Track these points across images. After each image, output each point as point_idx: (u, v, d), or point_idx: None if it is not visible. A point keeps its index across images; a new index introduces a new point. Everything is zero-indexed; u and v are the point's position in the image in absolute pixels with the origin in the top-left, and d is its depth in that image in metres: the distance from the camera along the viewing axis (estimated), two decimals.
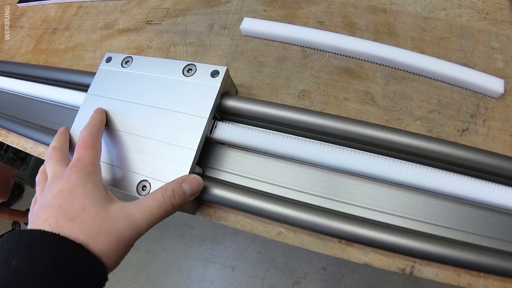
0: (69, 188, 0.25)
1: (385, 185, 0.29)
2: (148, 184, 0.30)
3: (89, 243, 0.22)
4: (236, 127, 0.32)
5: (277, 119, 0.31)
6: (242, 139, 0.31)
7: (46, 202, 0.25)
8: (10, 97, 0.48)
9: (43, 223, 0.23)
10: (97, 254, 0.22)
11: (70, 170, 0.26)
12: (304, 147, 0.30)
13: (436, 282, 0.26)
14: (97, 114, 0.33)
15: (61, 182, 0.26)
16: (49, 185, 0.27)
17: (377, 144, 0.28)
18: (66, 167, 0.27)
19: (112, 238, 0.23)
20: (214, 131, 0.32)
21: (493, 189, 0.26)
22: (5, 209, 1.56)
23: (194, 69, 0.33)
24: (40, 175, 0.31)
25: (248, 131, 0.32)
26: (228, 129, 0.32)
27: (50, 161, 0.29)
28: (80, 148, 0.28)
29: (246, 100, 0.32)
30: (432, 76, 0.32)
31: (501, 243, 0.26)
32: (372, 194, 0.28)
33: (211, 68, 0.32)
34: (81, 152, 0.28)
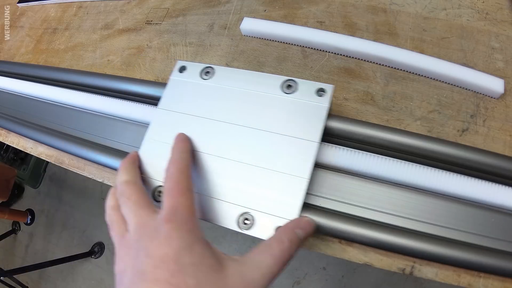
0: (174, 255, 0.20)
1: (385, 185, 0.29)
2: (251, 216, 0.26)
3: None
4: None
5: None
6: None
7: (146, 271, 0.20)
8: (10, 97, 0.48)
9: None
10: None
11: (168, 226, 0.21)
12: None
13: (436, 282, 0.26)
14: (183, 144, 0.28)
15: (159, 244, 0.21)
16: (139, 241, 0.22)
17: (377, 144, 0.28)
18: (152, 213, 0.23)
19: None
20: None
21: (493, 189, 0.26)
22: (5, 209, 1.56)
23: (295, 85, 0.29)
24: (112, 214, 0.26)
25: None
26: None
27: (128, 202, 0.25)
28: (173, 193, 0.23)
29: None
30: (432, 76, 0.32)
31: (501, 243, 0.26)
32: (372, 194, 0.28)
33: (315, 85, 0.28)
34: (176, 199, 0.23)
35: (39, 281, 1.55)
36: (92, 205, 1.56)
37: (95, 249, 1.46)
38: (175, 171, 0.25)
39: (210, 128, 0.29)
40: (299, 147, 0.27)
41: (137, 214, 0.24)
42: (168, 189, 0.24)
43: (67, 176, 1.67)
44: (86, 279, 1.46)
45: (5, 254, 1.69)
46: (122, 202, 0.25)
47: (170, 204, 0.23)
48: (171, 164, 0.26)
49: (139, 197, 0.25)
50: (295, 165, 0.26)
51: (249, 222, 0.26)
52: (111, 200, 0.27)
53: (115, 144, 0.37)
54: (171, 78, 0.33)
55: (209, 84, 0.31)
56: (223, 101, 0.30)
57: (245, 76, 0.30)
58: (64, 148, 0.39)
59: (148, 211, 0.24)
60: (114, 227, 0.25)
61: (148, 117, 0.36)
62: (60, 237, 1.58)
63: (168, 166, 0.26)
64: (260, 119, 0.28)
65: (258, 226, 0.26)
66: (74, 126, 0.41)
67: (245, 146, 0.28)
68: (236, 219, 0.26)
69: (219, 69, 0.31)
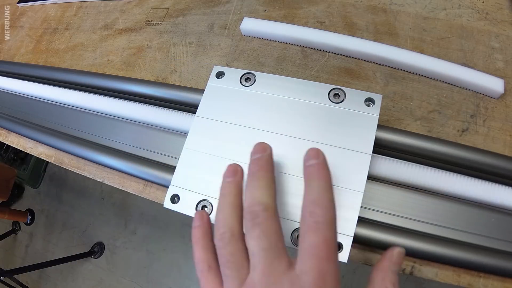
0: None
1: (385, 185, 0.29)
2: None
3: None
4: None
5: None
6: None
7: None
8: (10, 97, 0.48)
9: None
10: None
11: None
12: None
13: (436, 282, 0.26)
14: (325, 171, 0.22)
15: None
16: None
17: (377, 144, 0.28)
18: (288, 267, 0.19)
19: None
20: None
21: (493, 189, 0.26)
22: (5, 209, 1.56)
23: (342, 94, 0.28)
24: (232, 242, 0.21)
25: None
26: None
27: (264, 240, 0.20)
28: (321, 254, 0.19)
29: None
30: (432, 76, 0.32)
31: (501, 243, 0.26)
32: (372, 194, 0.28)
33: (363, 95, 0.28)
34: (325, 263, 0.18)
35: (39, 281, 1.55)
36: (92, 205, 1.56)
37: (95, 249, 1.46)
38: (323, 221, 0.19)
39: (254, 139, 0.27)
40: (352, 159, 0.26)
41: (271, 268, 0.19)
42: (313, 246, 0.19)
43: (67, 176, 1.67)
44: (86, 279, 1.46)
45: (5, 254, 1.69)
46: (256, 232, 0.20)
47: (317, 269, 0.18)
48: (316, 208, 0.20)
49: (278, 239, 0.20)
50: (349, 178, 0.25)
51: None
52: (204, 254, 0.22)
53: (115, 144, 0.37)
54: (209, 84, 0.31)
55: (251, 91, 0.30)
56: (267, 110, 0.29)
57: (289, 84, 0.29)
58: (64, 148, 0.39)
59: (285, 265, 0.19)
60: (230, 264, 0.20)
61: (148, 117, 0.36)
62: (60, 237, 1.58)
63: (312, 209, 0.20)
64: (307, 129, 0.27)
65: None
66: (74, 126, 0.41)
67: (294, 158, 0.26)
68: (289, 235, 0.24)
69: (260, 76, 0.30)
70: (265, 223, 0.20)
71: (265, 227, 0.20)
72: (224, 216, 0.22)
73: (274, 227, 0.20)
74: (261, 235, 0.20)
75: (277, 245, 0.20)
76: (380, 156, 0.29)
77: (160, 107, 0.37)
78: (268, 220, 0.20)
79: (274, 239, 0.20)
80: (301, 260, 0.19)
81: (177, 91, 0.36)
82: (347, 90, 0.28)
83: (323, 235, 0.19)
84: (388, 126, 0.29)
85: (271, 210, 0.21)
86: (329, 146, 0.27)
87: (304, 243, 0.19)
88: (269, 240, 0.19)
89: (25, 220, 1.63)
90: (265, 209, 0.20)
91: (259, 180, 0.22)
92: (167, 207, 0.28)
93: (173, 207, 0.28)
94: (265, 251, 0.19)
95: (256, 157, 0.23)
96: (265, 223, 0.20)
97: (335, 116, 0.27)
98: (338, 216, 0.22)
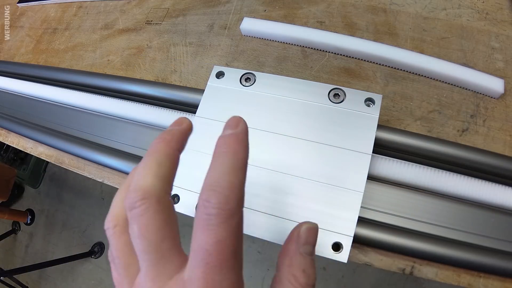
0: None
1: (385, 185, 0.29)
2: None
3: None
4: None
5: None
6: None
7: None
8: (10, 97, 0.48)
9: None
10: None
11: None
12: None
13: (436, 282, 0.26)
14: (237, 145, 0.16)
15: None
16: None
17: (377, 144, 0.28)
18: (173, 264, 0.16)
19: None
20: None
21: (493, 189, 0.26)
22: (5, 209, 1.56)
23: (342, 94, 0.28)
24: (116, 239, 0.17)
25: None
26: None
27: (142, 240, 0.15)
28: (209, 264, 0.14)
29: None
30: (432, 76, 0.32)
31: (501, 243, 0.26)
32: (372, 194, 0.28)
33: (363, 95, 0.28)
34: (214, 274, 0.14)
35: (39, 281, 1.55)
36: (92, 205, 1.56)
37: (95, 249, 1.46)
38: (217, 213, 0.14)
39: (255, 139, 0.27)
40: (352, 160, 0.26)
41: (154, 273, 0.15)
42: (202, 249, 0.14)
43: (67, 176, 1.67)
44: (86, 279, 1.46)
45: (5, 254, 1.69)
46: (133, 232, 0.16)
47: (206, 278, 0.14)
48: (212, 194, 0.15)
49: (163, 237, 0.15)
50: (348, 179, 0.25)
51: None
52: (115, 214, 0.18)
53: (115, 144, 0.37)
54: (209, 84, 0.31)
55: (251, 91, 0.30)
56: (267, 110, 0.28)
57: (289, 84, 0.29)
58: (64, 148, 0.39)
59: (171, 267, 0.15)
60: (117, 265, 0.17)
61: (148, 117, 0.36)
62: (60, 237, 1.58)
63: (206, 197, 0.15)
64: (307, 128, 0.27)
65: None
66: (74, 126, 0.41)
67: (293, 157, 0.27)
68: None
69: (260, 76, 0.30)
70: (144, 217, 0.15)
71: (144, 222, 0.15)
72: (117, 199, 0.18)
73: (156, 222, 0.15)
74: (139, 234, 0.15)
75: (160, 245, 0.15)
76: (380, 156, 0.29)
77: (160, 107, 0.37)
78: (148, 212, 0.15)
79: (156, 238, 0.15)
80: (190, 264, 0.15)
81: (177, 91, 0.36)
82: (347, 90, 0.28)
83: (215, 235, 0.14)
84: (387, 126, 0.29)
85: (154, 197, 0.15)
86: (329, 146, 0.27)
87: (193, 243, 0.15)
88: (149, 240, 0.15)
89: (25, 220, 1.63)
90: (144, 197, 0.15)
91: (147, 156, 0.17)
92: None
93: None
94: (145, 253, 0.15)
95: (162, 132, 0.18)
96: (144, 216, 0.15)
97: (335, 116, 0.27)
98: (338, 215, 0.22)
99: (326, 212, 0.25)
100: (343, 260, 0.24)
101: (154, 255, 0.15)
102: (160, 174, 0.16)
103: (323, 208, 0.25)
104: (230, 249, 0.14)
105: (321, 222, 0.25)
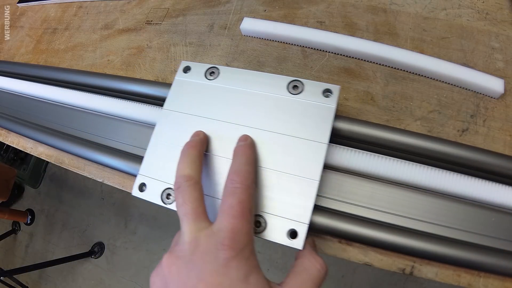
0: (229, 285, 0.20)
1: (386, 184, 0.29)
2: (264, 220, 0.26)
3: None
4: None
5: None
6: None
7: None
8: (10, 97, 0.48)
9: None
10: None
11: (226, 253, 0.20)
12: None
13: (436, 282, 0.26)
14: (250, 152, 0.26)
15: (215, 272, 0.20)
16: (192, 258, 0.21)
17: (377, 143, 0.28)
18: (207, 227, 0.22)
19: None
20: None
21: (493, 188, 0.26)
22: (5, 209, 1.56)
23: (301, 86, 0.29)
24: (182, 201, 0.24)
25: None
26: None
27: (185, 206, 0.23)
28: (235, 214, 0.21)
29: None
30: (432, 76, 0.32)
31: (501, 242, 0.26)
32: (373, 193, 0.28)
33: (321, 86, 0.28)
34: (238, 222, 0.21)
35: (39, 281, 1.55)
36: (92, 205, 1.56)
37: (95, 249, 1.46)
38: (240, 187, 0.23)
39: (216, 129, 0.29)
40: (308, 149, 0.26)
41: (192, 226, 0.22)
42: (229, 206, 0.22)
43: (67, 176, 1.67)
44: (86, 279, 1.46)
45: (5, 254, 1.69)
46: (179, 200, 0.23)
47: (231, 226, 0.21)
48: (236, 176, 0.23)
49: (198, 205, 0.23)
50: (305, 167, 0.26)
51: (262, 226, 0.25)
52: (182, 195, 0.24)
53: (115, 144, 0.37)
54: (176, 78, 0.32)
55: (214, 85, 0.31)
56: (229, 102, 0.30)
57: (251, 77, 0.30)
58: (64, 148, 0.39)
59: (204, 224, 0.22)
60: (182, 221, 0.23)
61: (149, 116, 0.36)
62: (60, 237, 1.58)
63: (232, 177, 0.23)
64: (267, 120, 0.28)
65: (271, 229, 0.26)
66: (74, 126, 0.41)
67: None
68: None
69: (224, 70, 0.31)
70: (187, 191, 0.23)
71: (186, 195, 0.23)
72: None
73: (194, 195, 0.23)
74: (182, 202, 0.23)
75: (197, 209, 0.23)
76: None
77: (160, 107, 0.37)
78: (189, 188, 0.23)
79: (195, 205, 0.23)
80: (218, 219, 0.22)
81: None
82: (306, 82, 0.29)
83: (238, 198, 0.22)
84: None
85: (193, 180, 0.24)
86: (287, 136, 0.27)
87: (222, 205, 0.22)
88: (190, 206, 0.23)
89: (25, 220, 1.63)
90: (186, 179, 0.24)
91: (186, 157, 0.25)
92: (135, 195, 0.29)
93: (140, 195, 0.29)
94: (186, 216, 0.23)
95: (189, 140, 0.28)
96: (187, 191, 0.23)
97: (293, 107, 0.28)
98: (293, 203, 0.25)
99: (283, 200, 0.26)
100: (299, 247, 0.25)
101: (192, 216, 0.22)
102: (194, 167, 0.25)
103: (280, 196, 0.26)
104: (248, 207, 0.22)
105: (278, 209, 0.26)
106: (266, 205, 0.26)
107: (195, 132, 0.28)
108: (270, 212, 0.26)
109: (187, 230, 0.22)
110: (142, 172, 0.30)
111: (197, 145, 0.27)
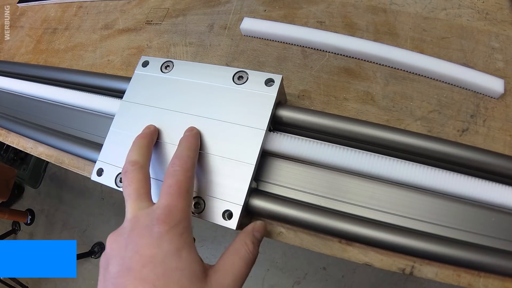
0: (162, 257, 0.21)
1: (386, 184, 0.29)
2: (202, 202, 0.27)
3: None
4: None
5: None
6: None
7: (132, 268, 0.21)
8: (10, 97, 0.48)
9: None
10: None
11: (160, 227, 0.22)
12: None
13: (436, 282, 0.26)
14: (194, 140, 0.28)
15: (149, 244, 0.21)
16: (131, 233, 0.23)
17: (377, 143, 0.28)
18: (148, 206, 0.24)
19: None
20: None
21: (493, 188, 0.26)
22: (5, 209, 1.56)
23: (246, 76, 0.30)
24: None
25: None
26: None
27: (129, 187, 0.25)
28: (172, 192, 0.23)
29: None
30: (432, 76, 0.32)
31: (501, 242, 0.26)
32: (373, 193, 0.28)
33: (264, 76, 0.30)
34: (173, 199, 0.23)
35: (39, 281, 1.55)
36: (92, 205, 1.56)
37: (95, 249, 1.46)
38: (179, 169, 0.25)
39: (169, 119, 0.31)
40: (247, 135, 0.28)
41: (133, 205, 0.24)
42: (167, 186, 0.24)
43: (67, 176, 1.67)
44: (86, 279, 1.46)
45: None
46: (124, 183, 0.26)
47: (167, 203, 0.23)
48: (176, 160, 0.25)
49: (140, 186, 0.25)
50: (242, 152, 0.28)
51: (200, 207, 0.27)
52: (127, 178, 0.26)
53: None
54: (135, 72, 0.34)
55: (168, 77, 0.33)
56: (180, 93, 0.32)
57: (201, 69, 0.32)
58: (64, 148, 0.39)
59: (145, 204, 0.24)
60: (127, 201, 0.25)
61: None
62: (60, 237, 1.58)
63: (173, 161, 0.25)
64: (212, 109, 0.30)
65: (208, 210, 0.27)
66: (74, 126, 0.41)
67: (205, 137, 0.30)
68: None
69: (178, 63, 0.33)
70: (131, 174, 0.25)
71: (130, 177, 0.25)
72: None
73: (138, 177, 0.25)
74: (127, 184, 0.25)
75: (139, 190, 0.25)
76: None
77: None
78: (134, 172, 0.25)
79: (137, 186, 0.25)
80: (159, 198, 0.24)
81: None
82: (250, 72, 0.30)
83: (176, 178, 0.24)
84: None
85: (138, 164, 0.26)
86: (230, 123, 0.29)
87: (163, 186, 0.24)
88: (132, 187, 0.25)
89: (25, 220, 1.63)
90: (133, 164, 0.26)
91: (135, 145, 0.28)
92: (94, 179, 0.32)
93: (98, 179, 0.32)
94: (129, 196, 0.25)
95: (140, 132, 0.30)
96: (131, 174, 0.25)
97: (237, 96, 0.30)
98: (230, 186, 0.27)
99: (222, 184, 0.28)
100: (232, 227, 0.27)
101: (134, 196, 0.24)
102: (141, 154, 0.27)
103: (220, 180, 0.28)
104: (185, 187, 0.24)
105: (217, 192, 0.27)
106: (207, 188, 0.28)
107: (146, 126, 0.30)
108: (210, 194, 0.28)
109: (129, 209, 0.24)
110: (101, 158, 0.32)
111: (147, 136, 0.29)
